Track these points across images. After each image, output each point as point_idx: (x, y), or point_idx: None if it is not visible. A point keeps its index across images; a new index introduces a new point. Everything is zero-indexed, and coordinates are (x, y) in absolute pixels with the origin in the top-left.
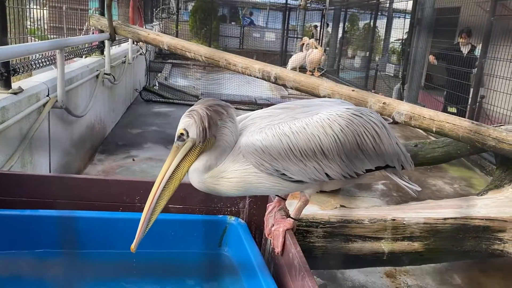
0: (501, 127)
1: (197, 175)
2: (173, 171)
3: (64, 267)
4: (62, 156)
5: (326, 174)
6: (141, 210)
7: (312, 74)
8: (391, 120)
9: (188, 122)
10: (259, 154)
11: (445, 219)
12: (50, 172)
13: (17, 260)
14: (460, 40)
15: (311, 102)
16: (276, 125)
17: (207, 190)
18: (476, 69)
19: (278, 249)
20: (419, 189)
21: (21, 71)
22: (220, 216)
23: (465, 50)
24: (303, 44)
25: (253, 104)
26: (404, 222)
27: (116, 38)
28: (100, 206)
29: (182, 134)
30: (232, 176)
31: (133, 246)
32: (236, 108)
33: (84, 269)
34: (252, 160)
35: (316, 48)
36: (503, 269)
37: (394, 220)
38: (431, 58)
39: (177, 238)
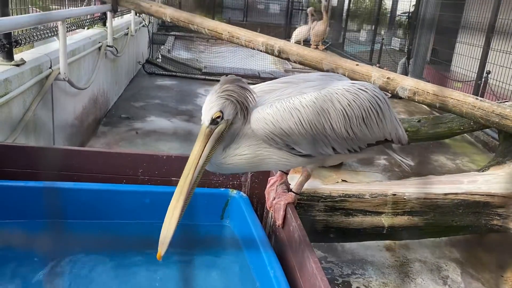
0: (506, 103)
1: (214, 158)
2: (207, 155)
3: (68, 237)
4: (66, 129)
5: (333, 148)
6: (144, 182)
7: (317, 48)
8: (390, 95)
9: (224, 104)
10: (270, 128)
11: (445, 194)
12: (53, 144)
13: (24, 230)
14: None
15: (310, 77)
16: (286, 99)
17: (221, 170)
18: None
19: (279, 222)
20: (412, 163)
21: (23, 42)
22: (222, 189)
23: None
24: (312, 13)
25: (257, 78)
26: (404, 197)
27: (118, 10)
28: (103, 178)
29: (218, 117)
30: (246, 152)
31: (159, 254)
32: None
33: (88, 240)
34: (263, 134)
35: (321, 19)
36: (501, 244)
37: (395, 195)
38: None
39: None
